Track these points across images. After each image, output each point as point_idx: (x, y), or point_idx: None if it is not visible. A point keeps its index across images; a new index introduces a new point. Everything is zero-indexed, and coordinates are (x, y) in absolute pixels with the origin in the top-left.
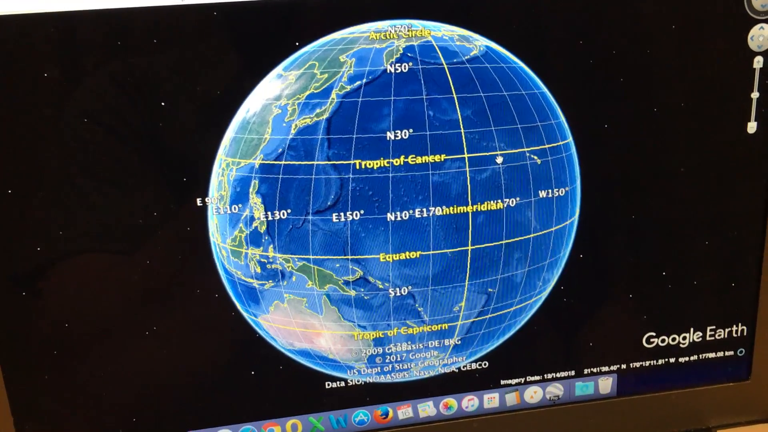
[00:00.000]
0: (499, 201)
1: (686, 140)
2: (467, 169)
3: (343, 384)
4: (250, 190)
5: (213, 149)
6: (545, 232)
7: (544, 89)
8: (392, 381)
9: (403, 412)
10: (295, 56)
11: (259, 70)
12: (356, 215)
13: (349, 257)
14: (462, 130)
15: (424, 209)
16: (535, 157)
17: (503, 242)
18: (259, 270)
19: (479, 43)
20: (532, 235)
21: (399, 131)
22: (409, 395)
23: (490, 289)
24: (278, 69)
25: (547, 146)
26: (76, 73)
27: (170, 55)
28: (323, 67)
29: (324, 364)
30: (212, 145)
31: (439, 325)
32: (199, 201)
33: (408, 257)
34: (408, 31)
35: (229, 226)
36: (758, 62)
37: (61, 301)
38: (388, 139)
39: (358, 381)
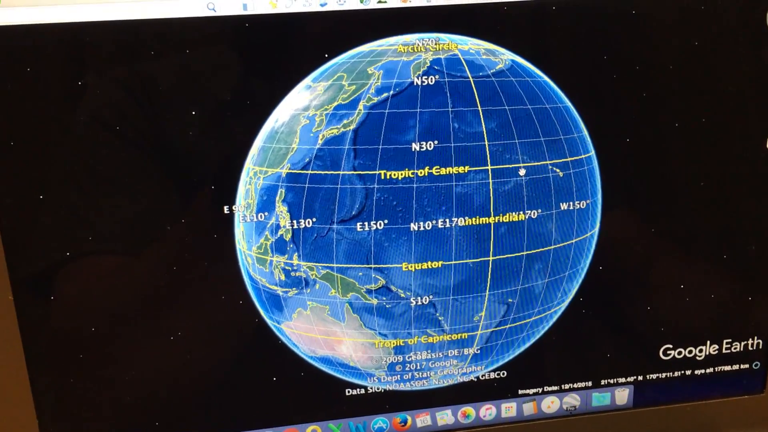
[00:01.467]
0: (521, 213)
1: (706, 155)
2: (490, 180)
3: (363, 391)
4: (277, 198)
5: (241, 158)
6: (566, 243)
7: (568, 103)
8: (411, 389)
9: (422, 420)
10: (324, 68)
11: (288, 81)
12: (380, 225)
13: (372, 266)
14: (486, 143)
15: (447, 220)
16: (558, 170)
17: (524, 253)
18: (283, 277)
19: (505, 56)
20: (552, 247)
21: (424, 142)
22: (427, 403)
23: (510, 300)
24: (307, 80)
25: (569, 159)
26: (107, 82)
27: (202, 66)
28: (351, 78)
29: (345, 371)
30: (241, 154)
31: (459, 334)
32: (226, 209)
33: (430, 267)
34: (435, 44)
35: (255, 233)
36: None
37: (87, 305)
38: (413, 150)
39: (377, 388)
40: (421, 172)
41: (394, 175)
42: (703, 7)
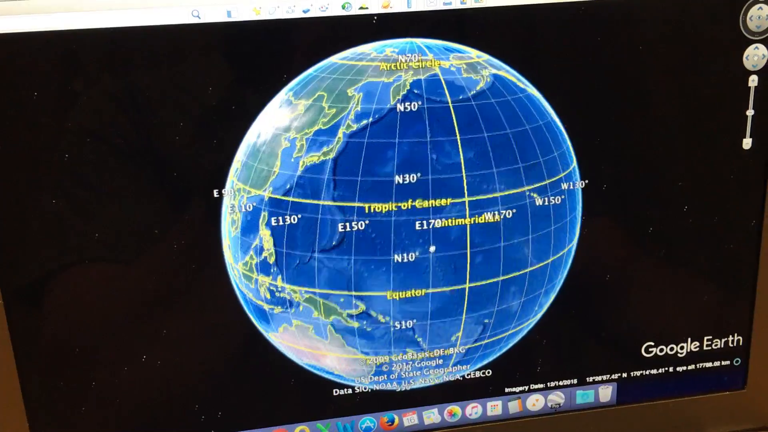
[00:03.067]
0: (498, 242)
1: (684, 156)
2: (467, 211)
3: (350, 391)
4: (260, 221)
5: (227, 165)
6: (542, 264)
7: (548, 119)
8: (398, 389)
9: (409, 419)
10: (303, 76)
11: (273, 86)
12: (360, 256)
13: (353, 293)
14: (463, 174)
15: (425, 251)
16: (535, 195)
17: (500, 279)
18: (268, 296)
19: (486, 72)
20: (528, 270)
21: (405, 175)
22: (414, 403)
23: (486, 320)
24: (286, 89)
25: (547, 182)
26: (91, 90)
27: (188, 73)
28: (331, 100)
29: (331, 374)
30: (226, 159)
31: (438, 351)
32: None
33: (409, 296)
34: (418, 60)
35: (241, 251)
36: (753, 81)
37: (78, 311)
38: (393, 183)
39: (364, 389)
40: (402, 205)
41: (374, 207)
42: (683, 11)
